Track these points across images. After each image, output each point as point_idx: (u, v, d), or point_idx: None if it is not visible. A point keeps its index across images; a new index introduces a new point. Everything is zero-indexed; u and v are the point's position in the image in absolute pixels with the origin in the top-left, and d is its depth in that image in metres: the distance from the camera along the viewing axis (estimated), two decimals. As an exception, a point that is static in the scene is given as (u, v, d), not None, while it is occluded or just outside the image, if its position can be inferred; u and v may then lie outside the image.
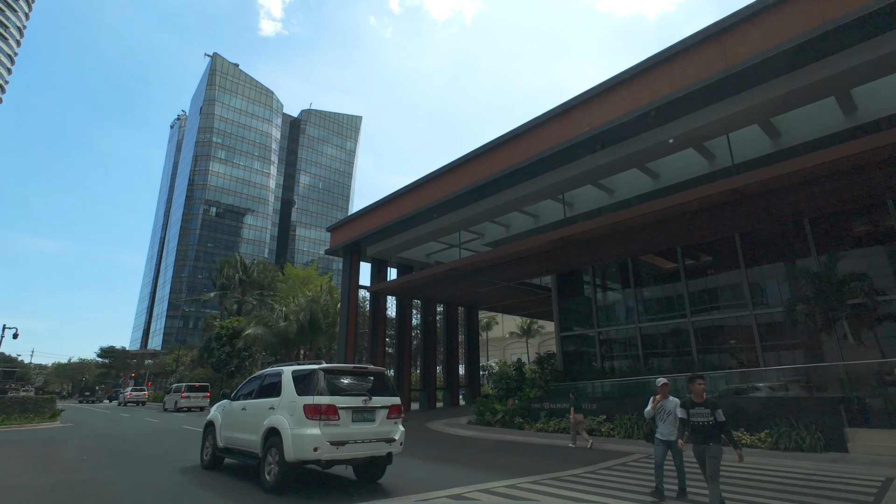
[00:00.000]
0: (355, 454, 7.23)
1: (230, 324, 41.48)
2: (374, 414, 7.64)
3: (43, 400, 18.97)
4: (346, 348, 26.82)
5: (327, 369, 7.61)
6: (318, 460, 6.92)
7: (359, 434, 7.31)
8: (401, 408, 8.20)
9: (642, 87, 14.75)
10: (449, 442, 14.29)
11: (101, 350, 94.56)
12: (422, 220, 24.19)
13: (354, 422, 7.36)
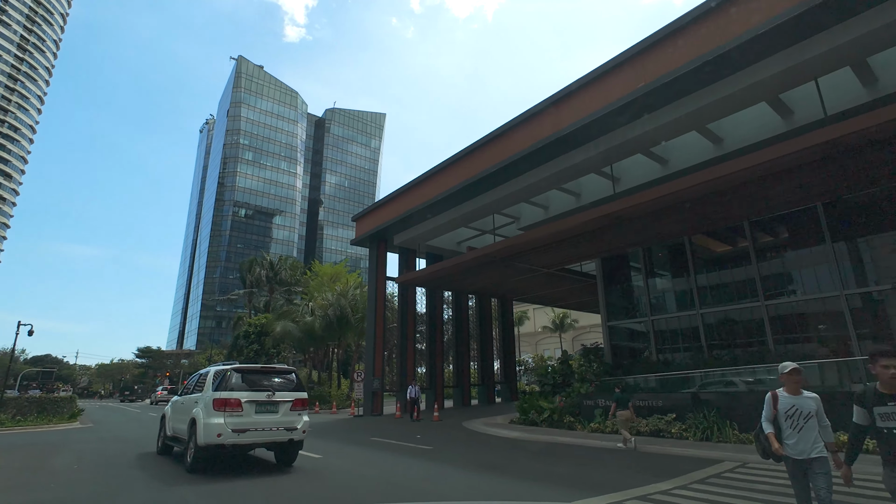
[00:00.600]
0: (256, 440, 8.52)
1: (258, 321, 40.76)
2: (278, 406, 8.80)
3: (62, 400, 18.17)
4: (374, 343, 25.32)
5: (239, 369, 8.92)
6: (221, 444, 8.19)
7: (261, 423, 8.53)
8: (305, 402, 9.33)
9: (715, 26, 12.56)
10: (492, 445, 12.49)
11: (138, 351, 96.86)
12: (451, 203, 22.45)
13: (258, 413, 8.58)
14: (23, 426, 15.71)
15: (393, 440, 13.46)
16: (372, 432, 16.06)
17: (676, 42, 13.59)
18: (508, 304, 33.47)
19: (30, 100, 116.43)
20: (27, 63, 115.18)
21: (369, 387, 24.47)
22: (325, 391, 31.94)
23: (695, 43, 12.98)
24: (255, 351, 39.26)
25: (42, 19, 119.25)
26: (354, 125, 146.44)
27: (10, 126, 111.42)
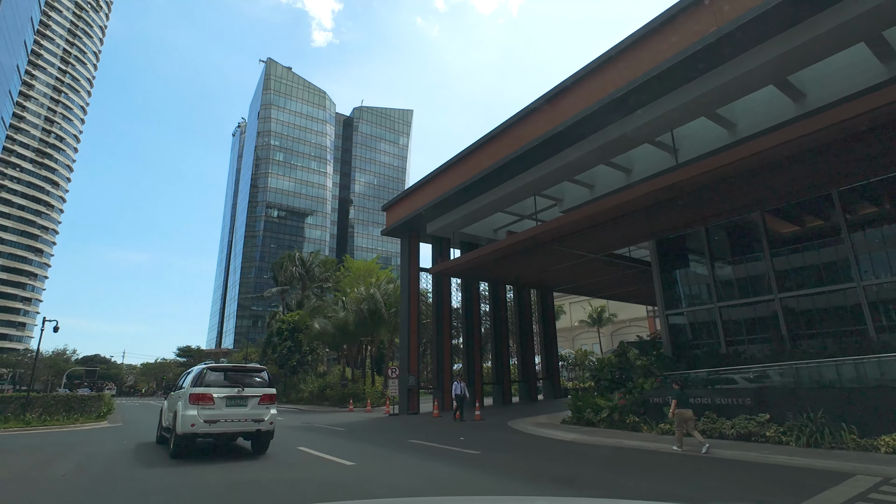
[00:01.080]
0: (226, 430, 9.57)
1: (290, 318, 40.17)
2: (247, 401, 9.81)
3: (88, 399, 17.55)
4: (408, 338, 23.95)
5: (213, 368, 10.10)
6: (195, 433, 9.29)
7: (231, 415, 9.57)
8: (273, 396, 10.33)
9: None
10: (549, 450, 10.82)
11: (179, 350, 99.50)
12: (486, 186, 20.79)
13: (228, 406, 9.60)
14: (48, 426, 15.09)
15: (434, 443, 11.97)
16: (410, 433, 14.64)
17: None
18: (549, 296, 31.55)
19: (73, 110, 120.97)
20: (70, 75, 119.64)
21: (404, 384, 23.13)
22: (359, 388, 30.90)
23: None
24: (289, 348, 38.69)
25: (83, 32, 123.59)
26: (382, 122, 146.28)
27: (56, 136, 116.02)
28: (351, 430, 16.28)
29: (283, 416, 23.44)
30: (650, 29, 13.75)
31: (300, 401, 36.09)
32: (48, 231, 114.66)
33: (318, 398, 33.95)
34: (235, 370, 10.38)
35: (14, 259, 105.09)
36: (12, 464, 9.42)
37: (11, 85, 58.56)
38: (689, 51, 12.44)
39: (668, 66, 12.99)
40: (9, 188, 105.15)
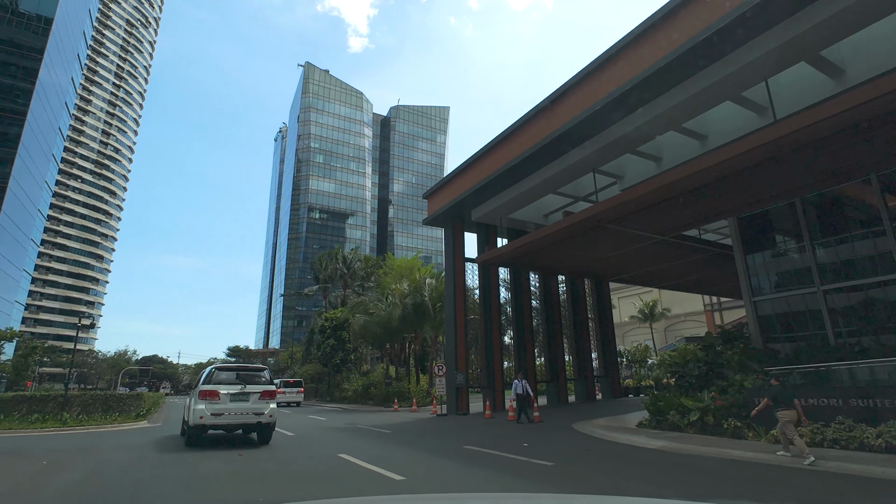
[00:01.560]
0: (230, 421, 11.02)
1: (333, 315, 39.45)
2: (249, 396, 11.21)
3: (127, 398, 16.94)
4: (454, 333, 22.30)
5: (220, 367, 11.86)
6: (203, 425, 10.76)
7: (235, 409, 10.98)
8: (273, 393, 11.58)
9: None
10: (637, 461, 8.87)
11: (228, 350, 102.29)
12: (537, 163, 18.85)
13: (232, 401, 11.02)
14: (85, 425, 14.47)
15: (493, 450, 10.24)
16: (463, 437, 12.98)
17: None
18: (604, 287, 29.14)
19: (127, 122, 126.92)
20: (123, 89, 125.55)
21: (452, 382, 21.51)
22: (404, 387, 29.58)
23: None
24: (332, 346, 37.96)
25: (134, 48, 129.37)
26: (419, 121, 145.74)
27: (112, 148, 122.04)
28: (397, 432, 14.80)
29: (325, 416, 22.32)
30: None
31: (344, 399, 35.23)
32: (107, 238, 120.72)
33: (362, 397, 32.92)
34: (240, 370, 11.81)
35: (78, 265, 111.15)
36: (15, 471, 8.41)
37: (67, 97, 61.21)
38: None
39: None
40: (72, 199, 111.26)
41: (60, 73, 56.00)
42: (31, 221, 54.53)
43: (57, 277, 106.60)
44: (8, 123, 47.48)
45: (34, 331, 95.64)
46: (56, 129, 58.26)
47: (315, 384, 45.14)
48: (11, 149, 47.25)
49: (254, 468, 8.31)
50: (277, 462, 9.07)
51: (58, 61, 54.92)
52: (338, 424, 17.77)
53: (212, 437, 12.35)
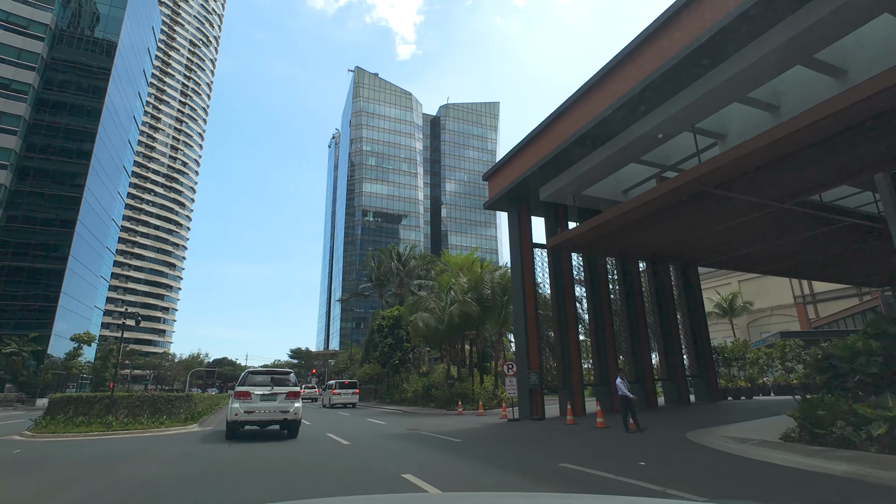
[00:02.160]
0: (260, 418, 12.63)
1: (390, 313, 37.94)
2: (276, 396, 12.73)
3: (177, 399, 15.82)
4: (524, 327, 19.73)
5: (253, 371, 13.74)
6: (237, 421, 12.40)
7: (264, 408, 12.55)
8: (297, 393, 13.06)
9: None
10: (827, 498, 6.04)
11: (291, 351, 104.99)
12: (617, 126, 16.01)
13: (262, 400, 12.58)
14: (130, 430, 13.33)
15: (603, 471, 7.69)
16: (554, 451, 10.49)
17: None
18: (693, 273, 25.49)
19: (193, 137, 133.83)
20: (189, 106, 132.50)
21: (525, 383, 18.98)
22: (467, 388, 27.32)
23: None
24: (390, 346, 36.41)
25: (197, 67, 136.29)
26: (469, 118, 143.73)
27: (181, 162, 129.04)
28: (470, 442, 12.51)
29: (385, 420, 20.45)
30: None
31: (403, 401, 33.52)
32: (178, 247, 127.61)
33: (423, 399, 31.02)
34: (269, 373, 13.47)
35: (154, 273, 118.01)
36: (5, 492, 6.86)
37: (135, 111, 64.13)
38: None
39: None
40: (147, 211, 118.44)
41: (127, 88, 58.63)
42: (106, 230, 57.38)
43: (135, 285, 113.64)
44: (81, 139, 49.93)
45: (117, 335, 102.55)
46: (126, 141, 61.18)
47: (374, 385, 43.91)
48: (84, 162, 49.60)
49: (300, 486, 6.29)
50: (328, 481, 7.04)
51: (125, 78, 57.48)
52: (398, 430, 15.76)
53: (259, 456, 10.63)
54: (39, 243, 46.26)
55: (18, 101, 47.20)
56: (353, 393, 33.30)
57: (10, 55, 47.80)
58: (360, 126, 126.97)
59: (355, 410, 30.24)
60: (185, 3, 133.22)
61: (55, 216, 47.25)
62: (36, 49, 49.11)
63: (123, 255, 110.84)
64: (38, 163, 48.12)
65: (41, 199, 47.39)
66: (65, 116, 50.14)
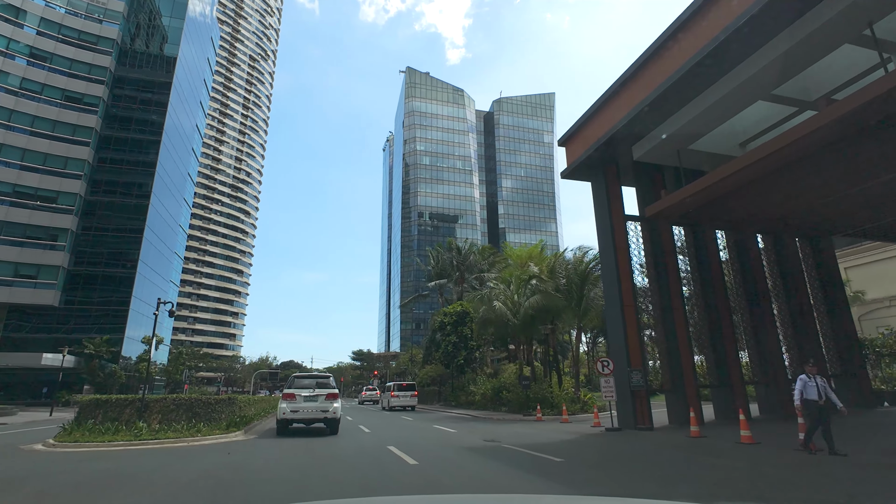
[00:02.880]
0: (304, 416, 14.27)
1: (452, 309, 35.13)
2: (317, 397, 14.33)
3: (217, 403, 13.84)
4: (621, 315, 16.08)
5: (298, 375, 15.42)
6: (285, 419, 14.19)
7: (307, 407, 14.18)
8: (336, 395, 14.66)
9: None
10: None
11: (353, 354, 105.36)
12: (738, 52, 12.18)
13: (305, 401, 14.21)
14: (160, 439, 11.27)
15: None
16: (709, 482, 7.05)
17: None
18: (826, 246, 20.62)
19: (255, 148, 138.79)
20: (250, 118, 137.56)
21: (624, 383, 15.36)
22: (546, 391, 23.82)
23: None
24: (454, 344, 33.55)
25: (257, 80, 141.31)
26: (524, 111, 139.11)
27: (245, 172, 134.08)
28: (573, 462, 9.27)
29: (454, 427, 17.51)
30: None
31: (470, 405, 30.53)
32: (245, 255, 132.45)
33: (492, 402, 27.87)
34: (311, 377, 15.15)
35: (223, 280, 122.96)
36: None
37: (197, 119, 65.82)
38: None
39: None
40: (215, 220, 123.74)
41: (189, 98, 60.09)
42: (174, 236, 58.98)
43: (207, 291, 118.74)
44: (146, 150, 51.25)
45: (192, 339, 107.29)
46: (189, 150, 62.85)
47: (437, 387, 41.31)
48: (150, 170, 50.80)
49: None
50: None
51: (186, 89, 58.86)
52: (474, 442, 12.75)
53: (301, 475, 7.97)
54: (111, 250, 47.71)
55: (90, 114, 49.11)
56: (411, 395, 32.12)
57: (82, 70, 49.90)
58: (413, 126, 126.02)
59: (417, 414, 27.67)
60: (243, 20, 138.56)
61: (125, 224, 48.62)
62: (104, 63, 51.01)
63: (196, 263, 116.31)
64: (109, 174, 49.80)
65: (112, 208, 48.93)
66: (131, 127, 51.74)
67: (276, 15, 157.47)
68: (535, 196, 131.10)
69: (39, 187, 45.53)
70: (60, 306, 44.32)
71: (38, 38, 48.72)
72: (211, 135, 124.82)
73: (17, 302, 42.55)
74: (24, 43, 47.95)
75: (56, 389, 38.88)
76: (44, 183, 45.74)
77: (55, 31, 49.68)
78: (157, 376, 53.23)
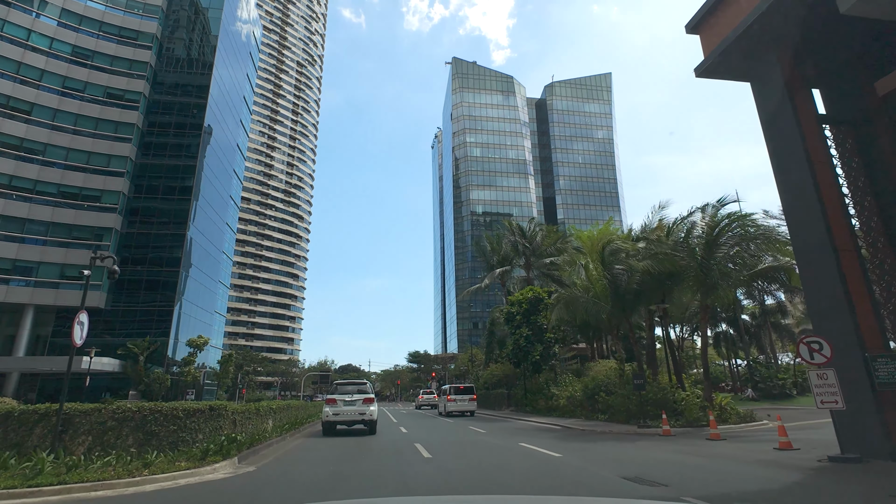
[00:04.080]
0: (344, 419, 16.15)
1: (523, 295, 29.27)
2: (356, 402, 16.15)
3: (188, 415, 8.75)
4: (836, 271, 9.70)
5: (338, 382, 17.83)
6: (328, 421, 16.33)
7: (347, 411, 16.05)
8: (372, 399, 16.58)
9: None
10: None
11: (409, 355, 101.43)
12: None
13: (345, 405, 16.10)
14: (71, 482, 6.36)
15: None
16: None
17: None
18: None
19: (305, 153, 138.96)
20: (300, 123, 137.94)
21: (860, 379, 9.01)
22: (667, 394, 17.39)
23: None
24: (526, 337, 27.65)
25: (304, 85, 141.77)
26: (578, 94, 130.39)
27: (296, 177, 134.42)
28: None
29: (550, 446, 11.59)
30: None
31: (552, 411, 24.52)
32: (300, 258, 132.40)
33: (583, 408, 21.77)
34: (351, 383, 17.49)
35: (280, 284, 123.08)
36: None
37: (242, 115, 63.85)
38: None
39: None
40: (270, 225, 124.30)
41: (231, 92, 57.97)
42: (220, 235, 56.87)
43: (264, 296, 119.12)
44: (187, 148, 49.10)
45: (251, 344, 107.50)
46: (234, 146, 60.89)
47: (506, 389, 35.49)
48: (192, 158, 48.62)
49: None
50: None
51: (227, 80, 56.69)
52: (607, 482, 6.98)
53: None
54: (155, 251, 45.71)
55: (132, 110, 47.56)
56: (469, 399, 28.37)
57: (123, 66, 48.54)
58: (461, 118, 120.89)
59: (486, 422, 22.16)
60: (290, 27, 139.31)
61: (168, 220, 46.54)
62: (145, 58, 49.45)
63: (252, 269, 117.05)
64: (151, 173, 48.01)
65: (154, 209, 47.06)
66: (172, 116, 49.92)
67: (321, 20, 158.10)
68: (596, 184, 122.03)
69: (84, 186, 44.16)
70: (107, 308, 42.54)
71: (80, 37, 47.75)
72: (263, 140, 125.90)
73: (63, 304, 41.06)
74: (67, 42, 47.05)
75: (100, 395, 36.68)
76: (88, 182, 44.34)
77: (96, 28, 48.61)
78: (209, 381, 50.86)
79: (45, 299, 40.73)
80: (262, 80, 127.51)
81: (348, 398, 16.01)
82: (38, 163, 42.90)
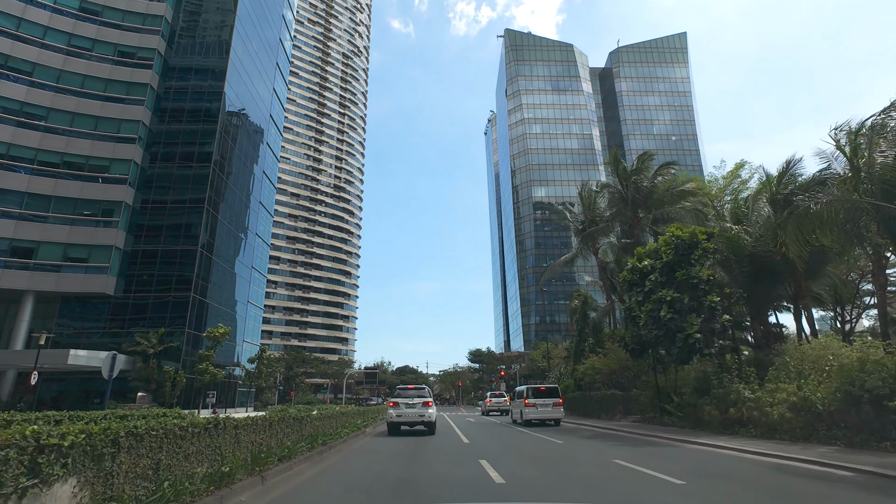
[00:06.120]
0: (405, 420, 17.48)
1: (667, 239, 18.53)
2: (415, 405, 17.37)
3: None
4: None
5: (399, 387, 18.89)
6: (391, 422, 17.60)
7: (408, 413, 17.36)
8: (430, 402, 17.63)
9: None
10: None
11: (470, 353, 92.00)
12: None
13: (406, 408, 17.38)
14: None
15: None
16: None
17: None
18: None
19: (354, 146, 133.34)
20: (347, 116, 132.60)
21: None
22: None
23: None
24: (669, 304, 16.92)
25: (351, 77, 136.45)
26: (649, 58, 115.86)
27: (345, 171, 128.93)
28: None
29: None
30: None
31: (734, 425, 13.85)
32: (352, 255, 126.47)
33: (805, 426, 11.08)
34: (413, 388, 18.58)
35: (332, 282, 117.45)
36: None
37: (276, 84, 56.87)
38: None
39: None
40: (320, 222, 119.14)
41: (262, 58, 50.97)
42: (253, 215, 49.88)
43: (316, 294, 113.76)
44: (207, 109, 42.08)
45: (304, 345, 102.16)
46: (267, 117, 53.92)
47: (620, 391, 24.79)
48: (212, 122, 41.49)
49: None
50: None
51: (255, 18, 49.68)
52: None
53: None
54: (172, 223, 38.83)
55: (145, 69, 41.25)
56: (553, 404, 22.49)
57: (136, 21, 42.42)
58: (517, 93, 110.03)
59: (615, 442, 11.93)
60: (334, 18, 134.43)
61: (186, 191, 39.60)
62: (160, 11, 43.10)
63: (304, 266, 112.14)
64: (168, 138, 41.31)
65: (171, 178, 40.20)
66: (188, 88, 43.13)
67: (366, 11, 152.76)
68: (675, 156, 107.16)
69: (91, 155, 38.11)
70: (117, 295, 35.99)
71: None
72: (311, 135, 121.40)
73: (64, 291, 34.82)
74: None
75: (92, 399, 29.63)
76: (95, 150, 38.31)
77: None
78: (241, 382, 43.51)
79: (46, 284, 34.66)
80: (307, 73, 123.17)
81: (408, 401, 17.43)
82: (40, 129, 37.23)
